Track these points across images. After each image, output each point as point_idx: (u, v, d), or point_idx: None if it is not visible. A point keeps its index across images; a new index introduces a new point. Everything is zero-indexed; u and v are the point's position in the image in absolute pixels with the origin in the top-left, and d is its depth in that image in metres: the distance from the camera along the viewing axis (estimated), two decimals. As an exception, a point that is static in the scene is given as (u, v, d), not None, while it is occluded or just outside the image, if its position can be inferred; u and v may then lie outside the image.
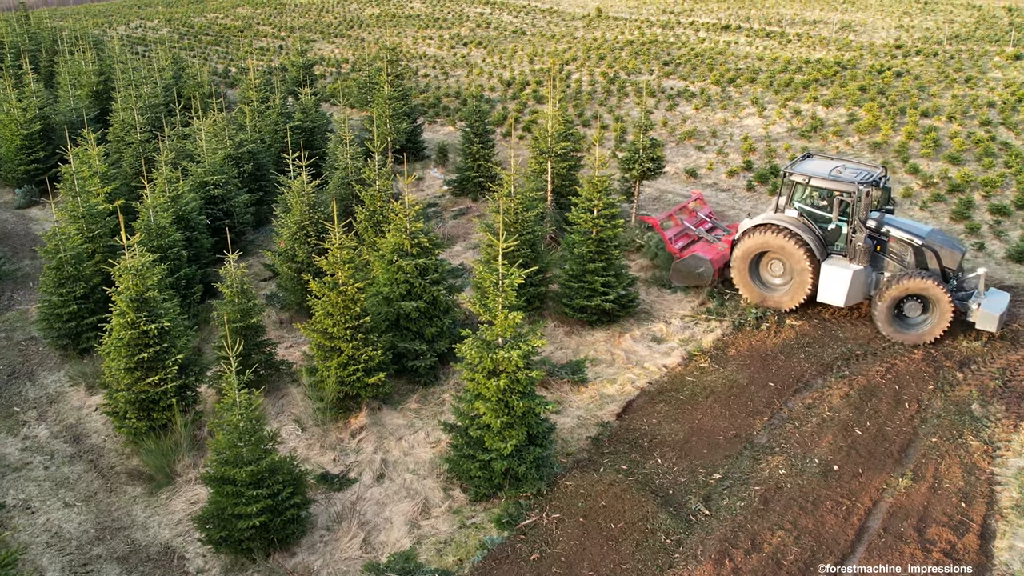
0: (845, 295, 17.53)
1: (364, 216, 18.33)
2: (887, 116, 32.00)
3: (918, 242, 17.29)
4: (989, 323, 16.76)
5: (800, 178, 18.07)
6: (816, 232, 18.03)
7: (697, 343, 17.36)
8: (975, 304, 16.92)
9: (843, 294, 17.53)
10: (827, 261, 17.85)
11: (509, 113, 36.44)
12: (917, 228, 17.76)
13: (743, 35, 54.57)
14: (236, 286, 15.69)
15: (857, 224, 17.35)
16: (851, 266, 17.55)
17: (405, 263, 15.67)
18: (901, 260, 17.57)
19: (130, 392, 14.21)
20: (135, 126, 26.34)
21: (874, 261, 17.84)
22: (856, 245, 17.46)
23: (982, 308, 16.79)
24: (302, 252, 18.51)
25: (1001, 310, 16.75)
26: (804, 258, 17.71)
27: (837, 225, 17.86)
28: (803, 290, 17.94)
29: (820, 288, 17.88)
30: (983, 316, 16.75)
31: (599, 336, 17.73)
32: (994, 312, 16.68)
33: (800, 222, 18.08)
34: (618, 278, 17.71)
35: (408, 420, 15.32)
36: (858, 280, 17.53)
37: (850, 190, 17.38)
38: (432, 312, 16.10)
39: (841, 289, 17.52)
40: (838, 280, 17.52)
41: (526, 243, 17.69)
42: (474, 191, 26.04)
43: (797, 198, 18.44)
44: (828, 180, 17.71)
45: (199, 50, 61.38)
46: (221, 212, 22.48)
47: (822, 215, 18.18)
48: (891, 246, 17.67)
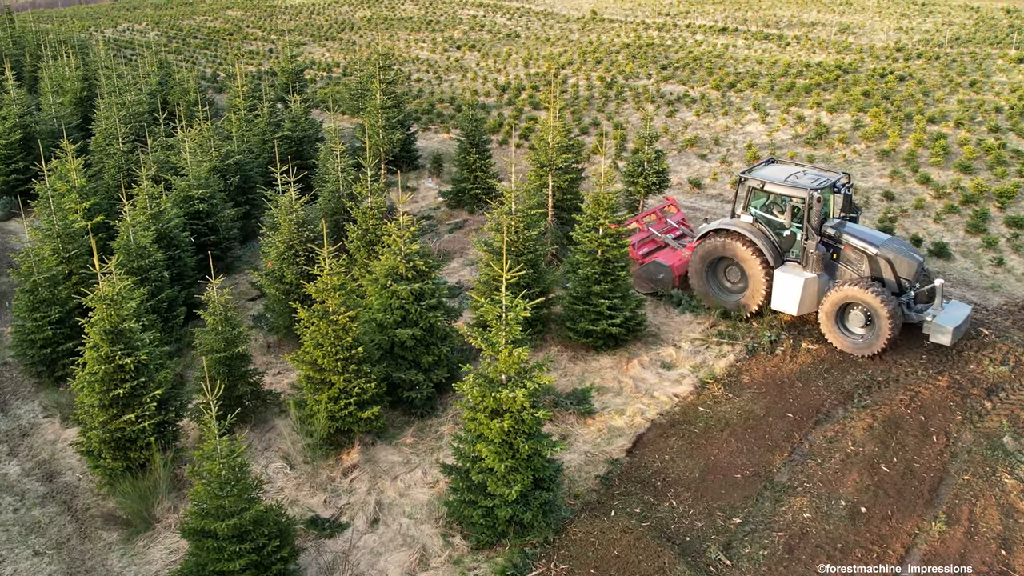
0: (797, 303, 17.19)
1: (356, 235, 17.34)
2: (893, 123, 31.16)
3: (872, 251, 16.86)
4: (942, 336, 16.22)
5: (755, 183, 17.77)
6: (771, 238, 17.76)
7: (709, 369, 16.43)
8: (929, 316, 16.41)
9: (795, 302, 17.21)
10: (781, 268, 17.51)
11: (505, 120, 35.50)
12: (874, 236, 17.31)
13: (741, 38, 53.74)
14: (219, 313, 14.70)
15: (809, 231, 17.05)
16: (804, 273, 17.21)
17: (400, 288, 14.70)
18: (856, 269, 17.17)
19: (104, 430, 13.21)
20: (117, 136, 25.29)
21: (829, 269, 17.49)
22: (809, 252, 17.12)
23: (936, 320, 16.29)
24: (290, 273, 17.52)
25: (956, 323, 16.21)
26: (758, 264, 17.49)
27: (792, 231, 17.63)
28: (758, 297, 17.71)
29: (773, 295, 17.57)
30: (936, 329, 16.28)
31: (605, 362, 16.79)
32: (948, 325, 16.14)
33: (755, 228, 17.80)
34: (625, 300, 16.77)
35: (404, 456, 14.34)
36: (810, 288, 17.16)
37: (802, 196, 17.03)
38: (429, 339, 15.14)
39: (793, 297, 17.20)
40: (790, 287, 17.21)
41: (528, 263, 16.74)
42: (470, 203, 25.07)
43: (754, 203, 18.19)
44: (781, 186, 17.38)
45: (187, 53, 60.28)
46: (206, 228, 21.47)
47: (778, 221, 17.88)
48: (846, 254, 17.29)
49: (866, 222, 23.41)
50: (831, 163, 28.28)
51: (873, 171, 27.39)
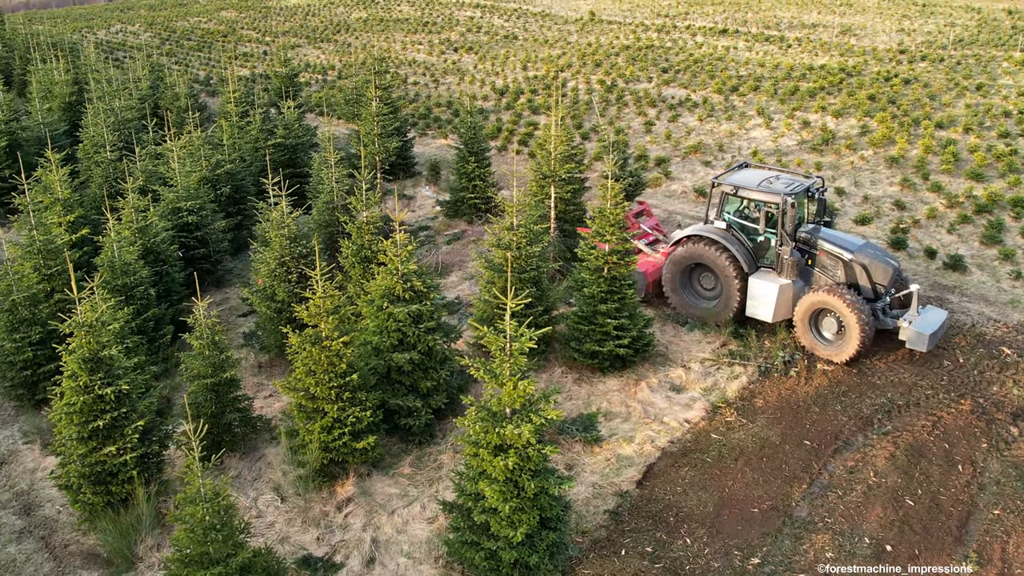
0: (772, 310, 16.98)
1: (351, 251, 16.57)
2: (901, 128, 30.45)
3: (847, 256, 16.67)
4: (918, 343, 15.96)
5: (728, 188, 17.46)
6: (745, 244, 17.49)
7: (721, 392, 15.70)
8: (905, 322, 16.15)
9: (770, 309, 17.00)
10: (755, 275, 17.27)
11: (504, 125, 34.74)
12: (848, 242, 17.04)
13: (742, 40, 53.03)
14: (206, 337, 13.93)
15: (784, 236, 16.82)
16: (779, 280, 16.98)
17: (397, 310, 13.95)
18: (832, 275, 16.95)
19: (84, 464, 12.45)
20: (105, 144, 24.49)
21: (804, 275, 17.28)
22: (783, 258, 16.90)
23: (912, 326, 16.01)
24: (282, 291, 16.76)
25: (933, 329, 15.94)
26: (732, 271, 17.17)
27: (766, 237, 17.37)
28: (732, 304, 17.41)
29: (748, 302, 17.35)
30: (912, 335, 16.00)
31: (612, 384, 16.04)
32: (924, 331, 15.86)
33: (729, 234, 17.52)
34: (632, 319, 16.03)
35: (401, 489, 13.59)
36: (785, 295, 16.92)
37: (776, 201, 16.77)
38: (427, 363, 14.39)
39: (768, 304, 16.98)
40: (765, 294, 16.99)
41: (530, 281, 16.00)
42: (469, 213, 24.30)
43: (727, 209, 17.93)
44: (755, 191, 17.15)
45: (181, 56, 59.43)
46: (195, 240, 20.69)
47: (752, 227, 17.62)
48: (821, 259, 17.08)
49: (878, 232, 22.72)
50: (839, 170, 27.58)
51: (882, 179, 26.68)
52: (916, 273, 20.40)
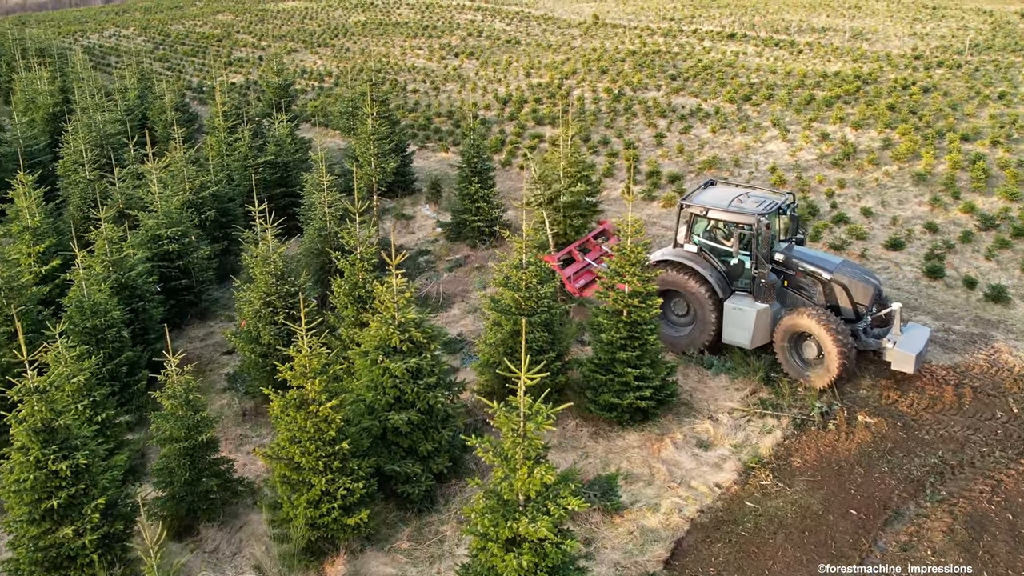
0: (751, 336, 16.07)
1: (343, 290, 15.02)
2: (925, 141, 28.92)
3: (826, 276, 15.87)
4: (904, 364, 15.16)
5: (698, 210, 16.53)
6: (718, 268, 16.58)
7: (753, 449, 14.16)
8: (890, 343, 15.34)
9: (748, 335, 16.08)
10: (730, 299, 16.36)
11: (508, 137, 33.20)
12: (826, 261, 16.29)
13: (751, 44, 51.48)
14: (179, 396, 12.40)
15: (759, 259, 15.93)
16: (756, 304, 16.05)
17: (393, 365, 12.42)
18: (810, 296, 16.18)
19: (35, 548, 10.93)
20: (84, 163, 22.97)
21: (781, 297, 16.41)
22: (760, 282, 15.95)
23: (897, 347, 15.20)
24: (267, 334, 15.23)
25: (919, 349, 15.16)
26: (706, 297, 16.13)
27: (740, 260, 16.37)
28: (708, 331, 16.52)
29: (724, 328, 16.42)
30: (898, 356, 15.19)
31: (632, 440, 14.50)
32: (910, 352, 15.06)
33: (700, 258, 16.64)
34: (655, 367, 14.50)
35: (399, 567, 12.06)
36: (764, 319, 16.01)
37: (750, 222, 15.88)
38: (428, 423, 12.86)
39: (746, 330, 16.06)
40: (742, 320, 16.05)
41: (541, 324, 14.47)
42: (472, 237, 22.76)
43: (697, 231, 16.87)
44: (727, 212, 16.21)
45: (174, 61, 57.94)
46: (177, 270, 19.16)
47: (724, 249, 16.61)
48: (798, 280, 16.29)
49: (911, 259, 21.20)
50: (863, 188, 26.04)
51: (910, 197, 25.16)
52: (956, 307, 18.88)
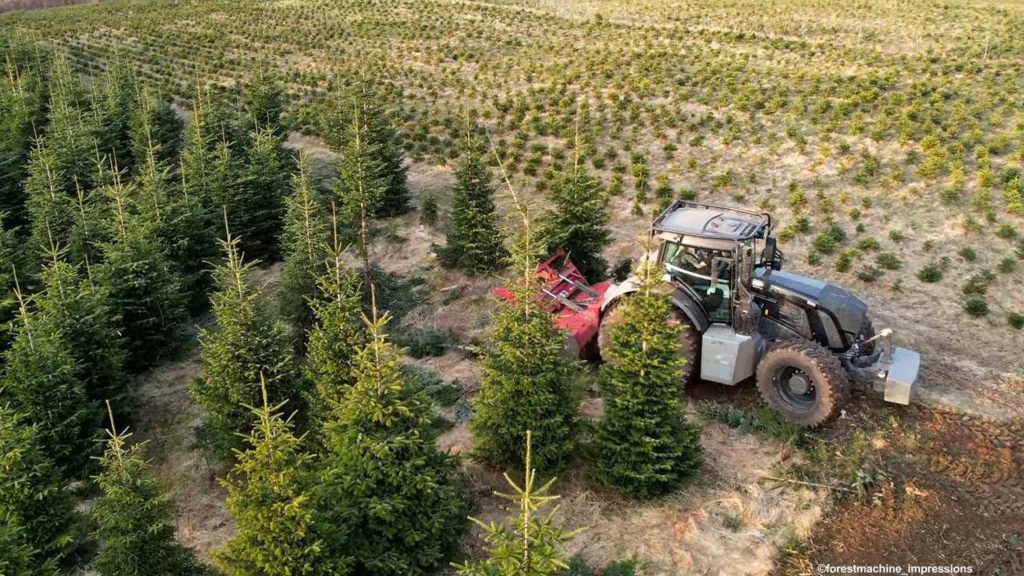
0: (732, 372, 14.94)
1: (321, 344, 13.22)
2: (953, 155, 27.13)
3: (811, 303, 14.91)
4: (900, 395, 14.30)
5: (671, 236, 15.38)
6: (693, 298, 15.47)
7: (789, 530, 12.39)
8: (881, 373, 14.48)
9: (730, 370, 14.95)
10: (708, 332, 15.23)
11: (508, 149, 31.39)
12: (809, 287, 15.33)
13: (760, 46, 49.62)
14: (126, 482, 10.63)
15: (740, 288, 14.84)
16: (737, 337, 14.95)
17: (375, 446, 10.65)
18: (793, 325, 15.19)
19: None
20: (49, 185, 21.18)
21: (762, 327, 15.37)
22: (741, 312, 14.84)
23: (890, 377, 14.33)
24: (236, 391, 13.46)
25: (912, 378, 14.33)
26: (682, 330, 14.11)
27: (718, 289, 15.21)
28: (685, 367, 14.93)
29: (703, 364, 15.26)
30: (892, 387, 14.32)
31: (650, 517, 12.72)
32: (904, 382, 14.22)
33: (675, 288, 15.32)
34: (676, 435, 12.72)
35: None
36: (746, 353, 14.93)
37: (729, 248, 14.78)
38: (416, 509, 11.10)
39: (727, 364, 14.93)
40: (723, 354, 14.88)
41: (546, 385, 12.70)
42: (470, 265, 20.95)
43: (669, 258, 15.74)
44: (702, 237, 15.05)
45: (164, 63, 56.11)
46: (144, 307, 17.38)
47: (700, 277, 15.43)
48: (780, 308, 15.28)
49: (949, 292, 19.42)
50: (890, 208, 24.26)
51: (941, 218, 23.37)
52: (1003, 348, 17.11)
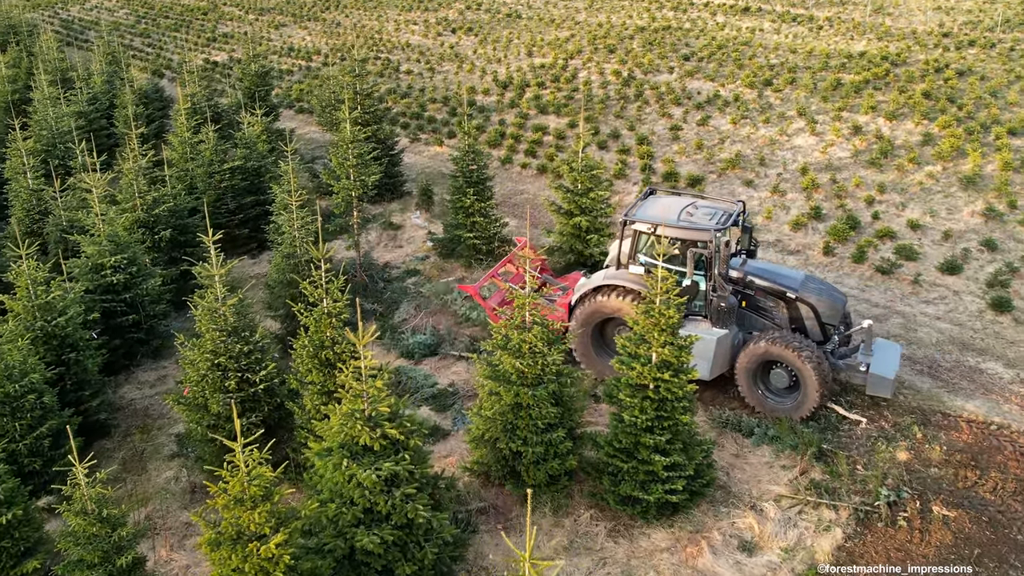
0: (710, 367, 14.31)
1: (307, 353, 12.31)
2: (969, 136, 26.07)
3: (791, 294, 14.38)
4: (882, 388, 13.93)
5: (644, 227, 14.65)
6: None
7: (808, 554, 11.56)
8: (863, 366, 14.03)
9: (707, 366, 14.29)
10: (684, 326, 14.12)
11: (508, 129, 30.29)
12: (787, 276, 14.85)
13: (767, 20, 48.27)
14: (92, 512, 9.77)
15: (717, 281, 14.18)
16: (714, 331, 14.38)
17: (362, 473, 9.78)
18: (771, 317, 14.68)
19: None
20: (26, 171, 20.17)
21: (739, 319, 14.79)
22: (719, 305, 14.23)
23: (872, 371, 13.87)
24: (216, 402, 12.58)
25: (895, 370, 13.93)
26: None
27: (693, 280, 14.44)
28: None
29: None
30: (874, 380, 13.88)
31: (659, 539, 11.89)
32: (888, 375, 13.78)
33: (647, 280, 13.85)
34: (688, 451, 11.86)
35: None
36: (724, 347, 14.37)
37: (705, 239, 14.15)
38: (407, 539, 10.26)
39: (704, 360, 14.19)
40: (701, 350, 14.02)
41: (548, 397, 11.82)
42: (467, 255, 19.97)
43: (642, 249, 15.05)
44: (678, 228, 14.40)
45: (156, 36, 54.72)
46: (123, 304, 16.46)
47: (675, 269, 14.70)
48: (758, 300, 14.77)
49: (970, 286, 18.49)
50: (906, 193, 23.25)
51: (960, 204, 22.37)
52: (1030, 348, 16.23)
